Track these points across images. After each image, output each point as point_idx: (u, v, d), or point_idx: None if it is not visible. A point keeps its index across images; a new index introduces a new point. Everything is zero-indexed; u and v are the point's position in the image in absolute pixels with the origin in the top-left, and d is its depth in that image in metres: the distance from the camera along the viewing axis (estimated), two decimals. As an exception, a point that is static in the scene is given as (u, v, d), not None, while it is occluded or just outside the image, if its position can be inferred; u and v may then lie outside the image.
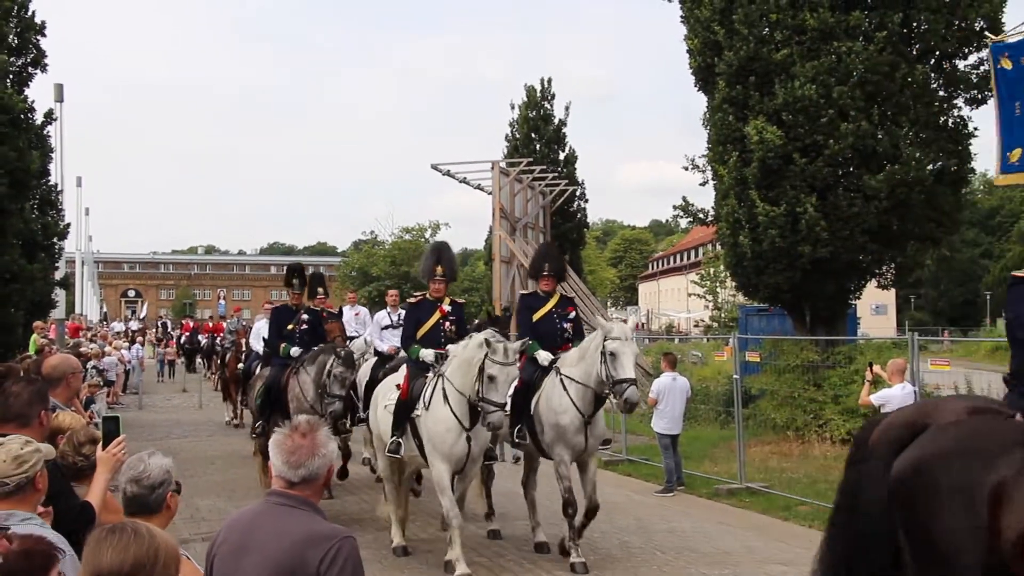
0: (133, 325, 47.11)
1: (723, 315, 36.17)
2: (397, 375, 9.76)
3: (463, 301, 10.50)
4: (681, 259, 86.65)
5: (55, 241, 19.35)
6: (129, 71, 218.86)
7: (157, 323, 49.72)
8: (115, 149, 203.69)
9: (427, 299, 9.63)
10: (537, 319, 9.62)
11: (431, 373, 9.01)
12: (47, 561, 2.84)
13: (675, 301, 77.42)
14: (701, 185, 19.12)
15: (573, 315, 9.82)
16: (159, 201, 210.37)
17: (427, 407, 8.72)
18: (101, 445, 4.48)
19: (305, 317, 11.77)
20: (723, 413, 17.20)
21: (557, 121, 36.28)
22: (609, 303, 79.04)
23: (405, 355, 10.93)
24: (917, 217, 16.47)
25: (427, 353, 9.21)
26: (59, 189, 21.60)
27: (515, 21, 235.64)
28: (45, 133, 19.14)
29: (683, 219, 20.05)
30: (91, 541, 2.78)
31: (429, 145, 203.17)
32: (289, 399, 11.05)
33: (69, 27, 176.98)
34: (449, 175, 29.69)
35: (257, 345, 15.10)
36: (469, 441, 8.54)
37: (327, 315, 13.22)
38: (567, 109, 36.82)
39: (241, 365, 17.45)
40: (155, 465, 3.77)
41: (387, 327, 12.99)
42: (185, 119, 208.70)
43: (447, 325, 9.47)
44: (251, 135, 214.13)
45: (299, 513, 3.40)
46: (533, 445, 9.39)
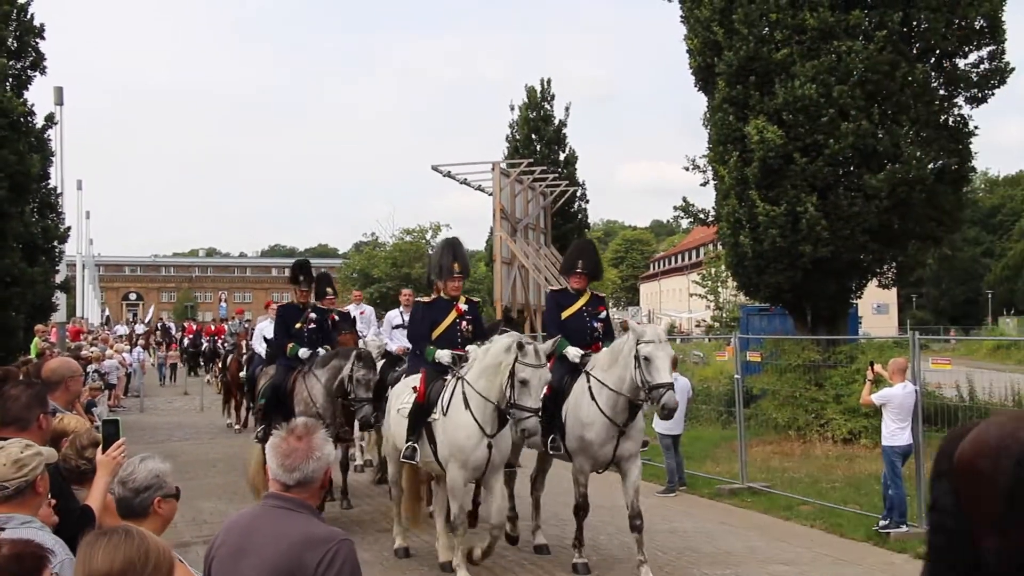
0: (139, 328, 47.12)
1: (724, 315, 36.10)
2: (411, 378, 9.42)
3: (478, 300, 10.08)
4: (682, 259, 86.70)
5: (56, 244, 19.32)
6: (129, 73, 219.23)
7: (158, 326, 49.63)
8: (115, 152, 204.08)
9: (441, 298, 9.22)
10: (566, 317, 9.25)
11: (449, 376, 8.62)
12: (37, 564, 2.84)
13: (676, 301, 77.43)
14: (702, 185, 19.13)
15: (604, 314, 9.44)
16: (160, 204, 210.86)
17: (445, 412, 8.34)
18: (101, 448, 4.48)
19: (312, 316, 11.32)
20: (724, 413, 17.19)
21: (557, 122, 36.32)
22: (611, 303, 78.99)
23: (413, 356, 10.74)
24: (918, 216, 16.46)
25: (444, 354, 8.79)
26: (59, 192, 21.61)
27: (515, 22, 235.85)
28: (45, 136, 19.12)
29: (684, 219, 20.07)
30: (83, 544, 2.81)
31: (430, 146, 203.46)
32: (295, 403, 10.55)
33: (69, 30, 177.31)
34: (450, 176, 29.71)
35: (259, 347, 14.83)
36: (490, 448, 8.18)
37: (338, 321, 12.80)
38: (567, 110, 36.90)
39: (243, 372, 17.21)
40: (144, 469, 3.75)
41: (398, 327, 12.71)
42: (185, 121, 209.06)
43: (464, 324, 9.07)
44: (251, 137, 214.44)
45: (296, 516, 3.39)
46: (566, 453, 8.93)
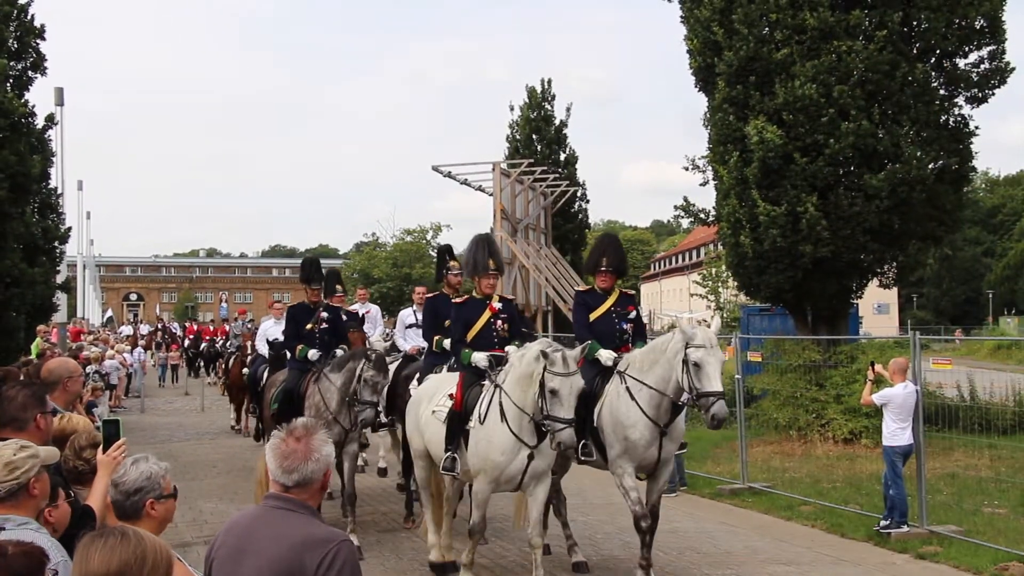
0: (144, 329, 47.18)
1: (725, 315, 36.08)
2: (442, 377, 9.09)
3: (512, 297, 9.61)
4: (683, 259, 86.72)
5: (56, 245, 19.29)
6: (130, 74, 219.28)
7: (158, 326, 49.63)
8: (116, 152, 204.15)
9: (474, 297, 8.80)
10: (595, 318, 8.80)
11: (487, 381, 8.14)
12: (36, 566, 2.84)
13: (677, 301, 77.42)
14: (701, 185, 19.13)
15: (634, 314, 8.99)
16: (160, 204, 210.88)
17: (482, 420, 7.86)
18: (102, 448, 4.47)
19: (324, 316, 10.81)
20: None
21: (558, 122, 36.30)
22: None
23: (429, 353, 10.47)
24: (918, 216, 16.45)
25: (480, 357, 8.30)
26: (60, 193, 21.58)
27: (517, 23, 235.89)
28: (46, 137, 19.10)
29: (684, 219, 20.08)
30: (81, 545, 2.82)
31: (430, 147, 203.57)
32: (307, 407, 10.12)
33: (69, 30, 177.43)
34: (450, 177, 29.72)
35: (263, 348, 14.58)
36: (531, 459, 7.68)
37: (346, 320, 12.28)
38: (568, 110, 36.86)
39: (246, 370, 16.96)
40: (135, 472, 3.73)
41: (411, 326, 12.38)
42: (186, 122, 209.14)
43: (499, 324, 8.64)
44: (252, 137, 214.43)
45: (297, 516, 3.39)
46: (600, 458, 8.46)
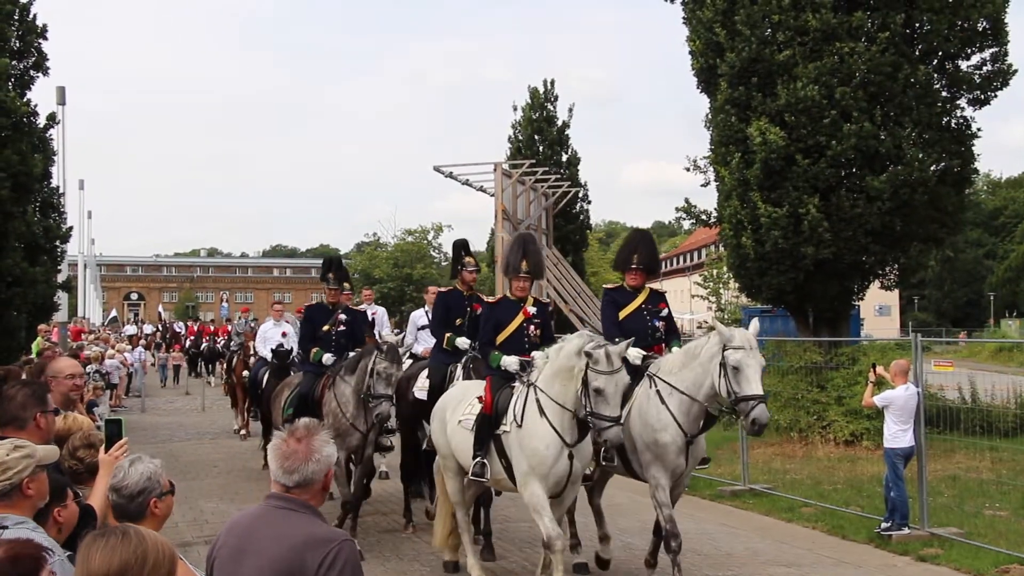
0: (147, 329, 47.20)
1: (726, 316, 36.09)
2: (466, 385, 8.78)
3: (548, 301, 9.34)
4: (684, 261, 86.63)
5: (57, 244, 19.29)
6: (131, 73, 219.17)
7: (159, 325, 49.62)
8: (117, 152, 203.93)
9: (508, 298, 8.54)
10: (624, 316, 8.49)
11: (517, 383, 7.84)
12: (35, 564, 2.84)
13: (678, 302, 77.36)
14: (703, 186, 19.13)
15: (665, 312, 8.65)
16: (161, 204, 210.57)
17: (519, 423, 7.53)
18: (104, 448, 4.46)
19: (343, 318, 10.47)
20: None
21: (560, 123, 36.26)
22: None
23: (436, 349, 10.16)
24: (920, 218, 16.45)
25: (510, 361, 8.01)
26: (61, 192, 21.57)
27: (517, 23, 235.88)
28: (47, 136, 19.10)
29: (686, 221, 20.06)
30: (82, 545, 2.82)
31: (432, 147, 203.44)
32: (324, 414, 9.72)
33: (71, 30, 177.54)
34: (451, 177, 29.67)
35: (264, 350, 14.41)
36: (571, 459, 7.37)
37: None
38: (570, 111, 36.79)
39: (247, 372, 16.85)
40: (135, 473, 3.73)
41: (424, 327, 12.03)
42: (187, 122, 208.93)
43: (531, 329, 8.33)
44: (253, 137, 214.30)
45: (298, 516, 3.38)
46: (622, 465, 8.10)
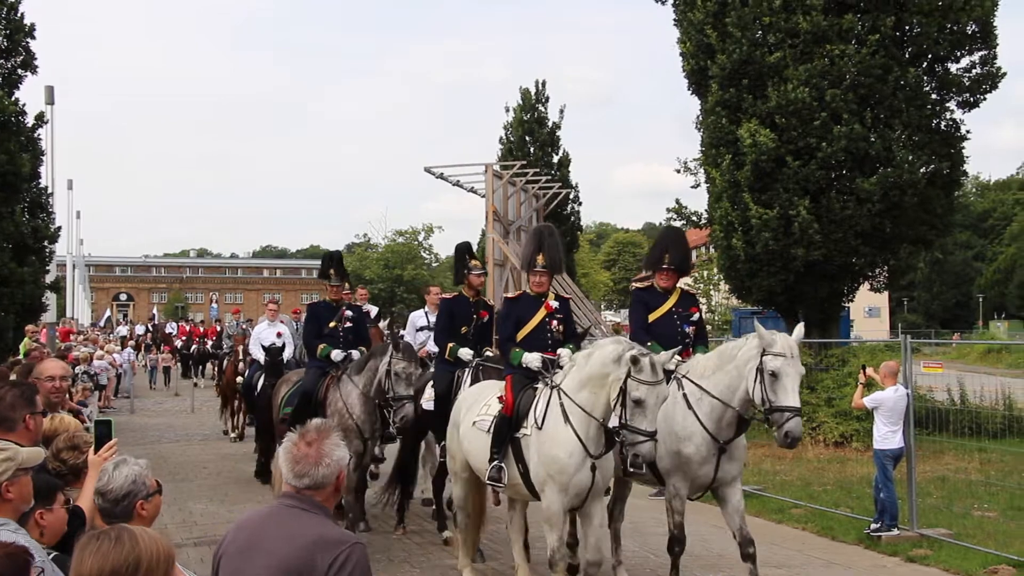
0: (139, 329, 47.01)
1: (716, 318, 36.18)
2: (484, 385, 8.39)
3: (569, 296, 9.00)
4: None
5: (46, 244, 19.25)
6: (121, 73, 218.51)
7: (148, 325, 49.39)
8: (106, 152, 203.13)
9: (528, 293, 8.19)
10: (654, 319, 8.14)
11: (540, 384, 7.46)
12: (21, 567, 2.83)
13: (668, 304, 77.34)
14: (693, 188, 19.18)
15: (696, 316, 8.27)
16: (151, 204, 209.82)
17: (540, 425, 7.13)
18: (93, 449, 4.44)
19: (348, 314, 10.22)
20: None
21: (551, 124, 36.31)
22: (603, 306, 79.09)
23: (440, 360, 9.67)
24: (910, 220, 16.52)
25: (533, 358, 7.62)
26: (50, 192, 21.50)
27: (510, 25, 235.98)
28: (36, 136, 19.05)
29: (677, 222, 20.09)
30: (77, 547, 2.81)
31: (423, 148, 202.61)
32: (329, 414, 9.42)
33: (60, 29, 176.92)
34: (442, 178, 29.63)
35: (257, 352, 13.91)
36: (594, 471, 6.95)
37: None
38: (561, 112, 36.88)
39: (240, 378, 16.19)
40: (120, 477, 3.71)
41: (423, 328, 11.79)
42: (177, 121, 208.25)
43: (554, 324, 7.94)
44: (244, 138, 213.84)
45: (310, 516, 3.36)
46: (650, 472, 7.59)
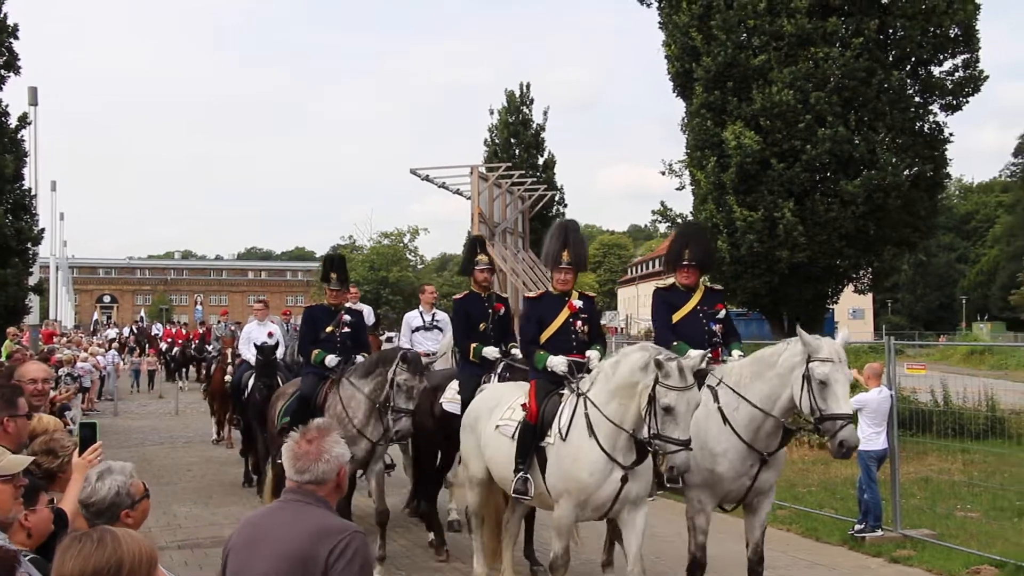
0: (126, 331, 46.79)
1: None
2: (504, 388, 8.02)
3: (594, 295, 8.56)
4: (660, 264, 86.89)
5: (29, 246, 19.17)
6: (105, 74, 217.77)
7: (132, 327, 49.14)
8: (89, 153, 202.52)
9: (550, 292, 7.78)
10: (678, 319, 7.71)
11: (566, 390, 7.03)
12: (7, 568, 2.82)
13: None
14: (678, 190, 19.25)
15: (723, 314, 7.84)
16: (135, 206, 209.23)
17: (563, 436, 6.74)
18: (77, 451, 4.43)
19: (347, 319, 9.74)
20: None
21: (536, 126, 36.36)
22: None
23: (461, 365, 9.27)
24: (894, 222, 16.61)
25: (558, 362, 7.18)
26: (33, 193, 21.41)
27: (497, 27, 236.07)
28: (19, 137, 18.98)
29: (662, 224, 20.18)
30: (59, 549, 2.82)
31: (409, 150, 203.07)
32: (328, 417, 8.86)
33: (44, 29, 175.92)
34: (428, 180, 29.62)
35: (247, 353, 13.51)
36: (624, 481, 6.60)
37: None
38: (545, 114, 36.93)
39: (228, 377, 15.60)
40: (104, 489, 3.71)
41: (419, 329, 11.54)
42: (162, 123, 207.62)
43: (578, 324, 7.51)
44: (228, 140, 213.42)
45: (312, 509, 3.50)
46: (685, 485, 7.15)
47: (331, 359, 9.39)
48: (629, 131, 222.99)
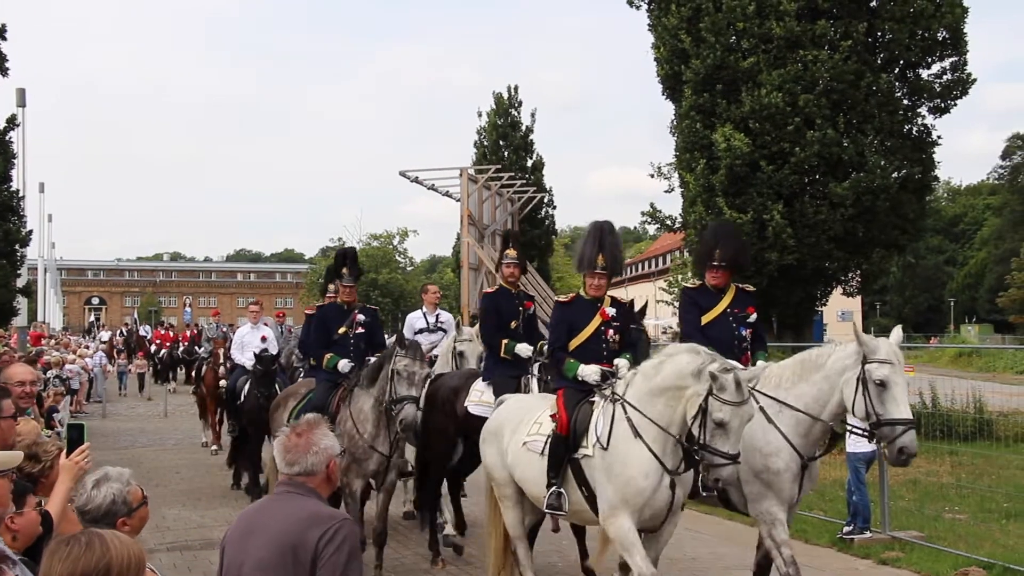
0: (116, 334, 46.56)
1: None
2: (526, 400, 7.67)
3: (627, 301, 8.04)
4: (649, 266, 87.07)
5: (17, 248, 19.12)
6: (94, 76, 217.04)
7: (121, 330, 48.91)
8: (78, 155, 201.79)
9: (582, 297, 7.22)
10: (707, 322, 7.27)
11: (597, 397, 6.63)
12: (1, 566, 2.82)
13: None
14: (667, 192, 19.30)
15: (754, 317, 7.39)
16: (124, 207, 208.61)
17: (605, 445, 6.31)
18: (65, 453, 4.41)
19: (360, 319, 9.00)
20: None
21: (525, 128, 36.40)
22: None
23: (490, 363, 8.84)
24: (882, 224, 16.68)
25: (590, 371, 6.76)
26: (21, 195, 21.34)
27: (487, 29, 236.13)
28: (7, 139, 18.91)
29: (651, 226, 20.21)
30: (47, 552, 2.82)
31: (398, 152, 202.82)
32: (338, 435, 8.16)
33: (32, 31, 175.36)
34: (417, 182, 29.63)
35: (241, 357, 13.22)
36: (673, 488, 6.21)
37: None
38: (533, 116, 36.97)
39: (224, 382, 15.21)
40: (99, 497, 3.70)
41: (421, 331, 10.98)
42: (151, 125, 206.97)
43: (610, 333, 7.06)
44: (218, 141, 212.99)
45: (303, 499, 3.61)
46: (716, 496, 6.75)
47: (344, 364, 8.78)
48: (618, 133, 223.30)
